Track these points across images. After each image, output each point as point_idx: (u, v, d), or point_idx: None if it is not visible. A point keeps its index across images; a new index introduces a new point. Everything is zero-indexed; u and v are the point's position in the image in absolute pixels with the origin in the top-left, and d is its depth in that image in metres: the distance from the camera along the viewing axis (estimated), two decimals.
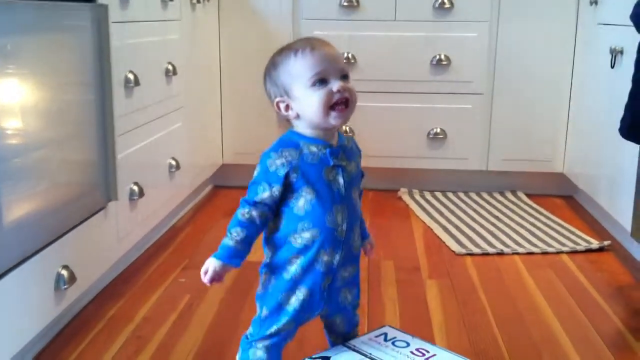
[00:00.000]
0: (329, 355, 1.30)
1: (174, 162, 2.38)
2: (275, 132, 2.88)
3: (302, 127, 1.26)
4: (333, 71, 1.22)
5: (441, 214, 2.75)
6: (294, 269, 1.25)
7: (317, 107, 1.21)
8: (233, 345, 1.66)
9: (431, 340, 1.67)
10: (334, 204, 1.24)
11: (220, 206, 2.85)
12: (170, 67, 2.31)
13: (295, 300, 1.26)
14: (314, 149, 1.24)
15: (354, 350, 1.31)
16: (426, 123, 2.98)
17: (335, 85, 1.21)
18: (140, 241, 2.21)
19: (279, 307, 1.28)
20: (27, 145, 1.51)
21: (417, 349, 1.33)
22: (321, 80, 1.21)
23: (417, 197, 2.98)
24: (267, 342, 1.29)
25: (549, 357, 1.63)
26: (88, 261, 1.77)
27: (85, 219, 1.76)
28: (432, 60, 2.91)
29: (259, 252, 2.39)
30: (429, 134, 2.98)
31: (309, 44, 1.23)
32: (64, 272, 1.60)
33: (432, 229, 2.56)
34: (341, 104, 1.22)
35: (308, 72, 1.21)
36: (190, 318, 1.81)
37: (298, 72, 1.22)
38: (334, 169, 1.25)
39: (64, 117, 1.67)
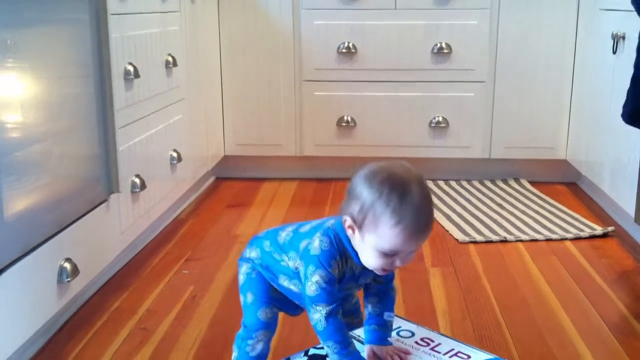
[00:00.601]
0: None
1: (175, 154, 2.37)
2: (277, 125, 2.84)
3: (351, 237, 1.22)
4: (407, 251, 1.18)
5: (444, 202, 2.74)
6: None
7: (372, 264, 1.19)
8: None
9: (435, 327, 1.67)
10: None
11: (223, 198, 2.85)
12: (170, 58, 2.31)
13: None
14: (352, 264, 1.24)
15: (357, 340, 1.31)
16: (428, 112, 2.97)
17: (399, 261, 1.18)
18: (143, 233, 2.21)
19: (265, 291, 1.31)
20: (27, 138, 1.50)
21: (422, 339, 1.33)
22: (391, 253, 1.17)
23: None
24: (259, 334, 1.30)
25: (552, 343, 1.63)
26: (91, 254, 1.77)
27: (88, 212, 1.76)
28: (433, 49, 2.90)
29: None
30: (431, 122, 2.97)
31: (414, 224, 1.13)
32: (67, 265, 1.60)
33: (435, 218, 2.55)
34: (391, 269, 1.22)
35: (389, 245, 1.14)
36: (194, 310, 1.81)
37: (383, 237, 1.14)
38: (357, 284, 1.28)
39: (64, 110, 1.67)
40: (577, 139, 2.84)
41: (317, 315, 1.19)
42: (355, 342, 1.25)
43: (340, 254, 1.21)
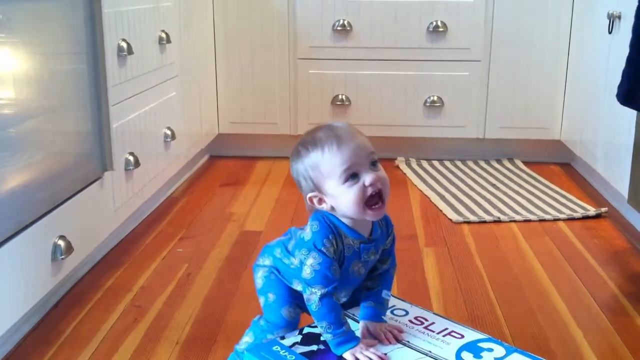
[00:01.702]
0: None
1: (169, 132, 2.37)
2: (271, 103, 2.83)
3: (339, 214, 1.23)
4: (362, 162, 1.20)
5: (438, 182, 2.75)
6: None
7: (352, 204, 1.19)
8: (231, 314, 1.67)
9: (428, 306, 1.68)
10: (344, 288, 1.28)
11: (217, 176, 2.84)
12: (163, 35, 2.29)
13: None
14: (349, 241, 1.23)
15: (352, 319, 1.32)
16: (423, 91, 2.97)
17: (367, 178, 1.19)
18: (137, 211, 2.21)
19: (286, 291, 1.31)
20: (20, 115, 1.49)
21: (415, 318, 1.33)
22: (352, 175, 1.19)
23: (414, 165, 2.97)
24: (281, 332, 1.31)
25: (545, 322, 1.64)
26: (85, 231, 1.77)
27: (81, 190, 1.75)
28: (428, 27, 2.89)
29: (257, 221, 2.39)
30: (425, 102, 2.97)
31: (335, 137, 1.20)
32: (61, 243, 1.60)
33: (429, 198, 2.56)
34: (376, 201, 1.21)
35: (338, 168, 1.18)
36: (189, 287, 1.81)
37: (327, 169, 1.19)
38: (361, 262, 1.26)
39: (56, 86, 1.65)
40: (571, 119, 2.85)
41: (313, 297, 1.20)
42: (349, 320, 1.26)
43: (333, 232, 1.21)
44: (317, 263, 1.19)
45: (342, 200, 1.19)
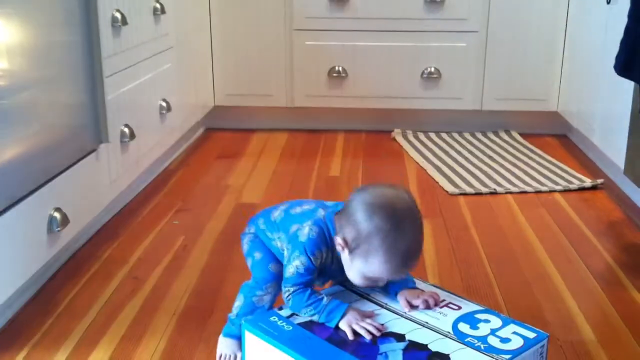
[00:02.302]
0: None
1: (164, 104, 2.35)
2: (267, 75, 2.81)
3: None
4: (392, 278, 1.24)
5: (435, 154, 2.74)
6: None
7: (355, 282, 1.23)
8: (227, 285, 1.67)
9: (424, 278, 1.69)
10: (326, 279, 1.31)
11: (213, 148, 2.83)
12: (158, 5, 2.26)
13: None
14: (337, 257, 1.26)
15: (350, 290, 1.32)
16: (420, 62, 2.95)
17: (380, 283, 1.24)
18: (133, 183, 2.20)
19: (271, 251, 1.33)
20: (13, 86, 1.48)
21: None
22: (376, 278, 1.22)
23: (411, 137, 2.97)
24: (270, 286, 1.33)
25: (540, 293, 1.65)
26: (81, 203, 1.77)
27: (77, 162, 1.75)
28: None
29: (254, 193, 2.39)
30: (422, 73, 2.95)
31: (402, 263, 1.18)
32: (57, 215, 1.60)
33: (425, 170, 2.56)
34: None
35: (374, 274, 1.20)
36: (185, 259, 1.82)
37: (370, 266, 1.19)
38: (342, 272, 1.27)
39: (50, 57, 1.64)
40: (568, 90, 2.83)
41: (286, 294, 1.23)
42: (374, 306, 1.26)
43: (327, 245, 1.23)
44: (303, 267, 1.22)
45: (351, 273, 1.22)
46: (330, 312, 1.21)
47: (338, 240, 1.21)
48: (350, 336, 1.19)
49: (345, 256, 1.22)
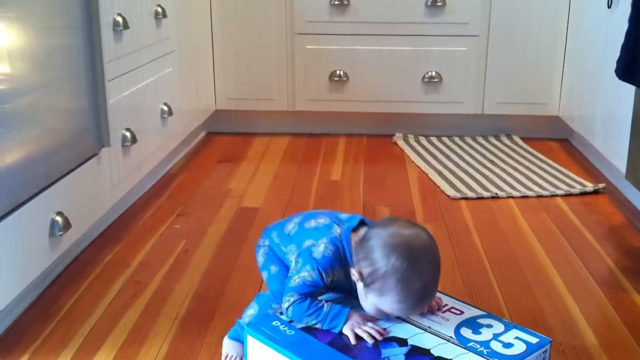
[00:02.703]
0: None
1: (166, 108, 2.35)
2: (268, 79, 2.81)
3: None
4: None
5: (436, 158, 2.74)
6: None
7: (367, 310, 1.23)
8: (229, 289, 1.67)
9: None
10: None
11: (215, 152, 2.83)
12: (159, 9, 2.26)
13: None
14: (349, 269, 1.25)
15: (349, 294, 1.32)
16: (421, 66, 2.95)
17: (390, 316, 1.24)
18: (135, 188, 2.20)
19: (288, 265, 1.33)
20: (15, 90, 1.48)
21: None
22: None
23: (412, 142, 2.97)
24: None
25: (541, 297, 1.65)
26: (82, 207, 1.77)
27: (78, 166, 1.75)
28: (427, 1, 2.86)
29: (255, 197, 2.39)
30: (424, 77, 2.95)
31: (417, 304, 1.19)
32: (58, 219, 1.60)
33: (427, 174, 2.56)
34: None
35: (388, 310, 1.21)
36: (187, 263, 1.82)
37: (384, 303, 1.19)
38: (351, 284, 1.27)
39: (51, 62, 1.64)
40: (570, 95, 2.83)
41: (286, 304, 1.23)
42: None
43: (341, 265, 1.23)
44: (311, 280, 1.22)
45: (364, 304, 1.22)
46: (333, 319, 1.21)
47: (354, 272, 1.20)
48: (352, 341, 1.19)
49: (360, 287, 1.21)
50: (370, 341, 1.19)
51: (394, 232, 1.19)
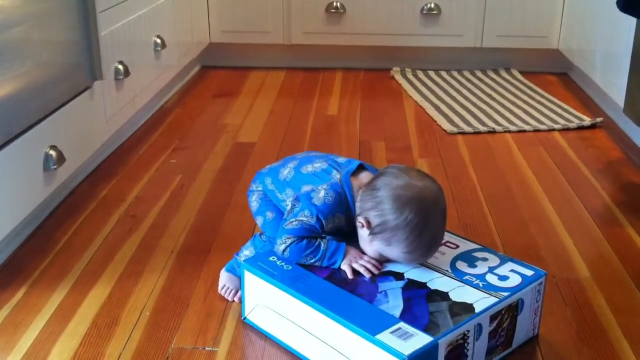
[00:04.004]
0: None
1: (159, 41, 2.31)
2: (264, 10, 2.75)
3: (356, 191, 1.24)
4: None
5: (433, 92, 2.71)
6: None
7: (370, 253, 1.23)
8: (225, 224, 1.68)
9: None
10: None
11: (209, 87, 2.80)
12: None
13: None
14: (350, 215, 1.25)
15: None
16: None
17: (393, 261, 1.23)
18: (129, 122, 2.18)
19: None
20: (3, 22, 1.44)
21: None
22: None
23: (410, 76, 2.93)
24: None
25: (537, 232, 1.66)
26: (76, 141, 1.75)
27: (71, 99, 1.72)
28: None
29: (251, 132, 2.37)
30: (422, 9, 2.89)
31: (423, 254, 1.20)
32: (52, 153, 1.58)
33: (424, 108, 2.53)
34: None
35: (393, 258, 1.21)
36: (183, 197, 1.82)
37: (390, 251, 1.19)
38: (349, 224, 1.27)
39: None
40: (570, 27, 2.79)
41: (282, 246, 1.22)
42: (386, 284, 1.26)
43: (342, 211, 1.22)
44: (309, 225, 1.21)
45: (367, 248, 1.22)
46: (332, 256, 1.21)
47: (360, 220, 1.19)
48: (350, 275, 1.20)
49: (363, 233, 1.20)
50: (367, 275, 1.19)
51: (405, 183, 1.17)
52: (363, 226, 1.20)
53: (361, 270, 1.20)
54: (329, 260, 1.21)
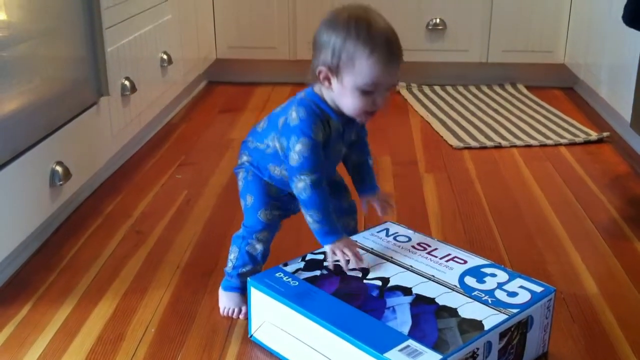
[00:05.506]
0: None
1: (165, 57, 2.32)
2: (270, 27, 2.75)
3: (326, 96, 1.23)
4: (386, 85, 1.19)
5: (440, 108, 2.71)
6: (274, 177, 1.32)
7: (352, 109, 1.20)
8: (231, 239, 1.67)
9: (427, 230, 1.69)
10: (326, 167, 1.27)
11: (216, 102, 2.80)
12: None
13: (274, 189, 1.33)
14: (334, 124, 1.24)
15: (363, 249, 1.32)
16: (425, 13, 2.89)
17: (379, 99, 1.19)
18: (136, 137, 2.18)
19: (263, 192, 1.32)
20: (12, 38, 1.45)
21: (418, 244, 1.34)
22: (370, 90, 1.19)
23: (416, 91, 2.93)
24: (260, 235, 1.32)
25: (543, 247, 1.65)
26: (83, 157, 1.76)
27: (77, 115, 1.73)
28: None
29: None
30: (428, 24, 2.90)
31: (387, 49, 1.16)
32: (58, 168, 1.59)
33: (430, 124, 2.53)
34: (371, 114, 1.22)
35: (368, 78, 1.17)
36: (189, 213, 1.81)
37: (361, 71, 1.16)
38: (343, 142, 1.28)
39: (49, 9, 1.60)
40: (575, 42, 2.79)
41: (301, 184, 1.21)
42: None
43: (320, 118, 1.22)
44: (306, 149, 1.20)
45: (346, 100, 1.20)
46: (329, 233, 1.24)
47: (320, 71, 1.19)
48: (329, 259, 1.23)
49: (335, 88, 1.19)
50: (343, 264, 1.21)
51: (331, 13, 1.21)
52: (327, 78, 1.19)
53: (340, 257, 1.23)
54: (326, 229, 1.23)
